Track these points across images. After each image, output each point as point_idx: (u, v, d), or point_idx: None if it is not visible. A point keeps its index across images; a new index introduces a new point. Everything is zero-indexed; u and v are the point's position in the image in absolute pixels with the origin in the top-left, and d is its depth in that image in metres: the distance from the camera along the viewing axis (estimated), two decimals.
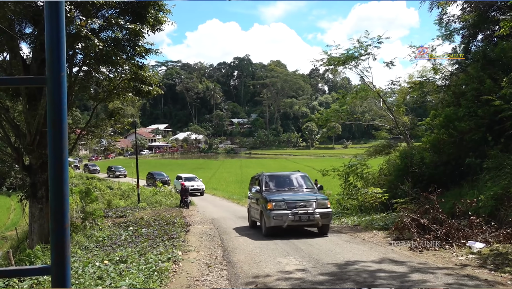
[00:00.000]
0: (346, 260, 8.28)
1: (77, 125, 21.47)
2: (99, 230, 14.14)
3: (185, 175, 31.08)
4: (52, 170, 1.06)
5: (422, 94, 21.61)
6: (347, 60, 20.93)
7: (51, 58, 1.07)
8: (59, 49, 1.07)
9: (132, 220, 16.54)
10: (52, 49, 1.06)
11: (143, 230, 12.96)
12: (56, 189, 1.05)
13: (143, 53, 15.08)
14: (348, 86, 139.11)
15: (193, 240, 11.52)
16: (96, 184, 35.20)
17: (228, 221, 16.70)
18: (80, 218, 16.71)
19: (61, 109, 1.07)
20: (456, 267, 7.42)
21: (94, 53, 13.15)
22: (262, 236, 11.85)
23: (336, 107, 25.37)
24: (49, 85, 1.05)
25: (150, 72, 16.53)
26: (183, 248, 10.11)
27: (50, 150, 1.05)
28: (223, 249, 10.16)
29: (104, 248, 10.65)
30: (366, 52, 20.52)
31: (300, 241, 10.78)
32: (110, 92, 16.78)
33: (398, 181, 15.63)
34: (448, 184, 13.81)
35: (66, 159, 1.10)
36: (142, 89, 16.05)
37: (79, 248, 10.81)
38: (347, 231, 12.27)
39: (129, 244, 10.70)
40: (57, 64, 1.07)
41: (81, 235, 13.54)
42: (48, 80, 1.05)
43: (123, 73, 16.28)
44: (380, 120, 26.00)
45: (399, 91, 24.09)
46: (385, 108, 23.73)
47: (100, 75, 17.07)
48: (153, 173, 40.68)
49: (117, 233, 12.92)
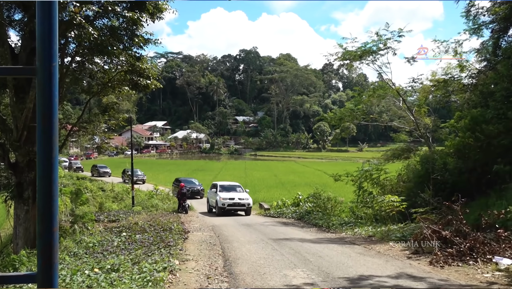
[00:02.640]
0: (359, 274, 8.24)
1: (68, 120, 21.60)
2: (90, 235, 14.20)
3: (222, 183, 25.99)
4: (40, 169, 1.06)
5: (446, 94, 21.48)
6: (364, 55, 20.87)
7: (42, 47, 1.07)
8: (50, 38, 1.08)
9: (125, 225, 16.60)
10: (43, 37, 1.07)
11: (137, 236, 13.00)
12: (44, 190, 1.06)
13: (141, 43, 15.15)
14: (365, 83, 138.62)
15: (191, 249, 11.54)
16: (87, 185, 35.40)
17: (230, 229, 16.71)
18: (69, 222, 16.81)
19: (52, 102, 1.08)
20: (481, 285, 7.36)
21: (88, 42, 13.23)
22: (267, 246, 11.85)
23: (351, 106, 25.29)
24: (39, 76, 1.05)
25: (148, 64, 16.60)
26: (181, 257, 10.13)
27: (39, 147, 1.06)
28: (224, 259, 10.16)
29: (94, 255, 10.70)
30: (385, 46, 20.45)
31: (308, 252, 10.77)
32: (104, 85, 16.87)
33: (418, 188, 15.54)
34: (473, 193, 13.71)
35: (56, 157, 1.10)
36: (140, 82, 16.12)
37: (67, 254, 10.86)
38: (361, 243, 12.23)
39: (121, 251, 10.74)
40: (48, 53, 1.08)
41: (69, 240, 13.61)
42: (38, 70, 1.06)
43: (119, 65, 16.35)
44: (399, 121, 25.88)
45: (420, 89, 23.97)
46: (405, 108, 23.62)
47: (94, 67, 17.16)
48: (181, 179, 34.80)
49: (109, 239, 12.97)
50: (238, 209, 23.52)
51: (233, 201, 23.19)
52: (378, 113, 45.71)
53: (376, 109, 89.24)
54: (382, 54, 20.96)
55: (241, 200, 23.38)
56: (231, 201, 23.14)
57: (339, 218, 18.48)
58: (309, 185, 35.92)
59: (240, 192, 24.30)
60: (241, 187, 25.24)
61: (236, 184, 25.98)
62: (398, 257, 9.91)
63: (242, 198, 23.53)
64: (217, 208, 23.27)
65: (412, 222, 13.84)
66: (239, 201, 23.32)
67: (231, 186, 25.36)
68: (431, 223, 10.63)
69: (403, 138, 26.31)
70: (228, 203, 23.02)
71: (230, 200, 23.13)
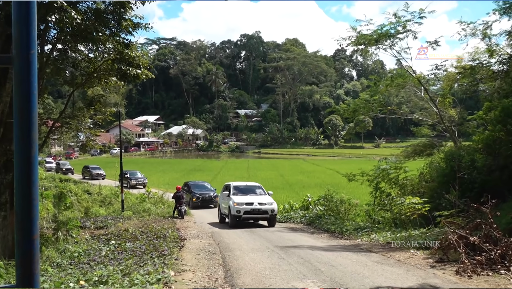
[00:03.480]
0: (376, 286, 8.25)
1: (49, 115, 21.68)
2: (75, 244, 14.26)
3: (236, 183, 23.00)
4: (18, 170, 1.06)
5: (473, 82, 21.39)
6: (381, 39, 20.80)
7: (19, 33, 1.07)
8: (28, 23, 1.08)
9: (114, 232, 16.65)
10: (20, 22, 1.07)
11: (127, 245, 13.04)
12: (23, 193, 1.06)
13: (130, 28, 15.16)
14: (382, 71, 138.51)
15: (188, 258, 11.58)
16: (71, 188, 35.53)
17: (232, 235, 16.76)
18: (52, 229, 16.88)
19: (30, 95, 1.08)
20: None
21: (70, 27, 13.24)
22: (273, 255, 11.88)
23: (367, 96, 25.26)
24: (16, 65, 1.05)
25: (138, 52, 16.61)
26: (176, 267, 10.16)
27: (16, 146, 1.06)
28: (225, 270, 10.19)
29: (80, 265, 10.74)
30: (405, 29, 20.37)
31: (319, 261, 10.79)
32: (89, 76, 16.89)
33: (442, 189, 15.50)
34: (504, 194, 13.67)
35: (35, 156, 1.10)
36: (129, 72, 16.14)
37: (49, 265, 10.91)
38: (378, 250, 12.23)
39: (110, 262, 10.78)
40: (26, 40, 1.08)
41: (52, 249, 13.67)
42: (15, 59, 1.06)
43: (105, 53, 16.37)
44: (420, 113, 25.84)
45: (445, 77, 23.88)
46: (427, 98, 23.55)
47: (78, 55, 17.18)
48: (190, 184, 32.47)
49: (96, 248, 13.02)
50: (259, 217, 20.59)
51: (252, 207, 19.97)
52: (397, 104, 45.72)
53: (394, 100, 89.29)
54: (401, 38, 20.89)
55: (263, 205, 20.12)
56: (249, 207, 19.95)
57: (353, 222, 18.47)
58: (320, 186, 35.92)
59: (261, 195, 21.31)
60: (262, 189, 22.28)
61: (255, 185, 23.09)
62: (420, 266, 9.91)
63: (264, 202, 20.29)
64: (230, 216, 20.25)
65: (436, 227, 13.82)
66: (260, 207, 20.05)
67: (249, 187, 22.41)
68: (457, 228, 10.61)
69: (425, 133, 26.24)
70: (244, 210, 19.87)
71: (247, 205, 19.99)
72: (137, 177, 44.11)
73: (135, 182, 42.80)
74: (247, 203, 20.07)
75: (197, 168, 64.58)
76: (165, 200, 30.03)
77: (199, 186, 31.84)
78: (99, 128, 24.20)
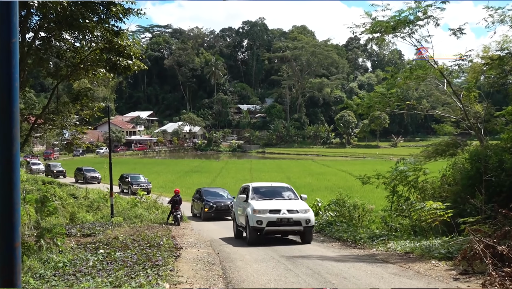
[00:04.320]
0: None
1: (31, 111, 21.76)
2: (59, 253, 14.29)
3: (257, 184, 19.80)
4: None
5: (502, 74, 21.31)
6: (399, 26, 20.73)
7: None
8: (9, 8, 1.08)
9: (103, 240, 16.68)
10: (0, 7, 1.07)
11: (117, 254, 13.06)
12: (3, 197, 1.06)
13: (120, 14, 15.19)
14: (399, 62, 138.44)
15: (185, 269, 11.59)
16: (56, 191, 35.62)
17: (233, 243, 16.77)
18: (34, 236, 16.92)
19: (12, 88, 1.08)
20: None
21: (54, 13, 13.27)
22: (279, 266, 11.88)
23: (383, 90, 25.17)
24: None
25: (129, 40, 16.65)
26: (172, 279, 10.17)
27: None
28: (225, 282, 10.20)
29: (65, 277, 10.76)
30: (425, 15, 20.29)
31: (330, 272, 10.78)
32: (75, 67, 16.94)
33: (466, 193, 15.46)
34: None
35: (16, 156, 1.11)
36: (119, 63, 16.17)
37: (31, 277, 10.94)
38: (396, 261, 12.21)
39: (98, 273, 10.80)
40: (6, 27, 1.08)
41: (34, 259, 13.70)
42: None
43: (93, 42, 16.42)
44: (443, 108, 25.81)
45: (470, 69, 23.81)
46: (451, 92, 23.49)
47: (63, 44, 17.24)
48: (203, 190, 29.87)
49: (82, 258, 13.04)
50: (288, 231, 16.92)
51: (278, 216, 16.29)
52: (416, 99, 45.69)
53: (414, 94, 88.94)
54: (421, 25, 20.80)
55: (293, 213, 16.45)
56: (275, 216, 16.27)
57: (368, 230, 18.45)
58: (331, 189, 35.93)
59: (291, 200, 17.75)
60: (292, 191, 18.76)
61: (282, 186, 19.82)
62: (442, 279, 9.89)
63: (295, 209, 16.63)
64: (249, 229, 16.58)
65: (459, 235, 13.79)
66: (290, 216, 16.35)
67: (274, 188, 19.13)
68: (483, 236, 10.58)
69: (447, 130, 26.17)
70: (268, 220, 16.18)
71: (272, 213, 16.35)
72: (140, 181, 42.38)
73: (137, 187, 40.37)
74: (272, 211, 16.39)
75: (195, 170, 64.66)
76: (159, 204, 30.07)
77: (213, 194, 29.32)
78: (86, 125, 24.25)
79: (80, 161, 78.01)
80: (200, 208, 28.08)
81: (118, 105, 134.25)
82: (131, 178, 43.02)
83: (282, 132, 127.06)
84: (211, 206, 27.32)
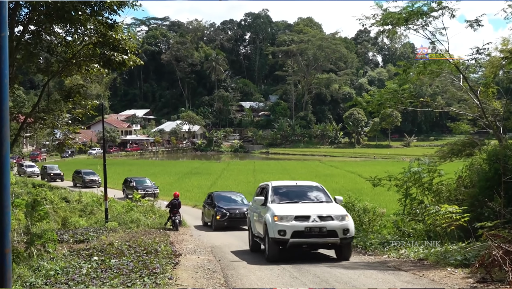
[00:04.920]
0: None
1: (20, 109, 21.81)
2: (51, 260, 14.32)
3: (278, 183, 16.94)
4: None
5: None
6: (411, 18, 20.70)
7: None
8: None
9: (97, 246, 16.71)
10: None
11: (112, 262, 13.09)
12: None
13: (114, 6, 15.22)
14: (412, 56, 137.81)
15: (184, 277, 11.61)
16: (47, 195, 35.70)
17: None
18: (24, 242, 16.96)
19: (1, 84, 1.08)
20: None
21: (45, 5, 13.30)
22: (284, 273, 11.88)
23: (394, 86, 25.14)
24: None
25: (124, 34, 16.66)
26: (170, 288, 10.19)
27: None
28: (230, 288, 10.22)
29: (57, 285, 10.79)
30: (440, 6, 20.27)
31: (339, 280, 10.79)
32: (67, 62, 16.96)
33: (484, 195, 15.43)
34: None
35: (6, 156, 1.11)
36: (113, 58, 16.19)
37: (21, 285, 10.97)
38: (409, 268, 12.20)
39: (92, 281, 10.82)
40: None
41: (24, 266, 13.74)
42: None
43: (86, 35, 16.44)
44: (459, 105, 25.78)
45: (487, 63, 23.75)
46: (467, 88, 23.44)
47: (54, 38, 17.26)
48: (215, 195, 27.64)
49: (75, 265, 13.07)
50: (320, 243, 14.18)
51: (307, 224, 13.49)
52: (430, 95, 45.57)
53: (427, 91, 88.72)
54: (435, 17, 20.77)
55: (327, 220, 13.72)
56: (302, 224, 13.49)
57: (379, 235, 18.43)
58: (339, 192, 35.76)
59: (322, 203, 15.08)
60: (323, 191, 15.93)
61: (310, 185, 16.92)
62: (459, 287, 9.88)
63: (329, 214, 13.89)
64: (268, 241, 13.89)
65: (477, 241, 13.77)
66: (322, 224, 13.61)
67: (300, 189, 16.32)
68: (502, 242, 10.56)
69: (464, 129, 26.11)
70: (294, 230, 13.43)
71: (298, 221, 13.58)
72: (146, 186, 40.83)
73: (143, 192, 38.31)
74: (299, 218, 13.59)
75: (194, 171, 64.73)
76: (156, 208, 30.11)
77: (226, 199, 26.94)
78: (79, 124, 24.28)
79: (71, 162, 78.15)
80: (211, 215, 25.70)
81: (113, 103, 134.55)
82: (136, 182, 41.52)
83: (287, 131, 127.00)
84: (224, 213, 24.84)
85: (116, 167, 58.96)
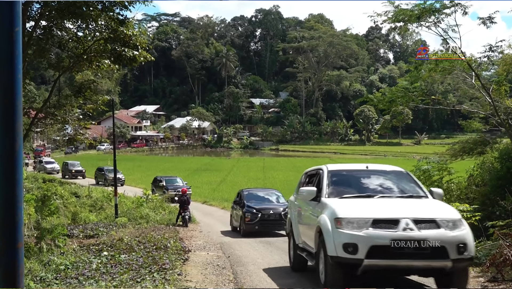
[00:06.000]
0: None
1: (31, 104, 21.88)
2: (61, 255, 14.40)
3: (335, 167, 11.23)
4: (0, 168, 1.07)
5: None
6: (424, 14, 20.58)
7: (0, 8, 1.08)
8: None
9: (106, 241, 16.78)
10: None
11: (122, 257, 13.14)
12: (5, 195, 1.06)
13: (125, 2, 15.22)
14: None
15: (193, 273, 11.62)
16: (57, 190, 35.87)
17: (244, 247, 16.77)
18: (34, 237, 17.06)
19: (14, 79, 1.08)
20: None
21: (56, 1, 13.34)
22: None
23: (405, 83, 25.03)
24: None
25: (135, 30, 16.69)
26: (179, 283, 10.21)
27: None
28: (236, 288, 10.21)
29: (67, 280, 10.85)
30: (452, 3, 20.14)
31: None
32: (78, 58, 17.02)
33: (496, 194, 15.35)
34: None
35: (19, 151, 1.11)
36: (124, 53, 16.22)
37: (32, 280, 11.04)
38: None
39: (102, 276, 10.87)
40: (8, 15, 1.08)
41: (35, 261, 13.82)
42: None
43: (97, 31, 16.49)
44: (470, 103, 25.62)
45: (500, 61, 23.59)
46: (479, 86, 23.28)
47: (65, 34, 17.32)
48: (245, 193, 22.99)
49: (85, 260, 13.13)
50: (419, 268, 8.21)
51: (396, 234, 7.62)
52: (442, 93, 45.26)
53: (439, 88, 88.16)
54: (448, 14, 20.62)
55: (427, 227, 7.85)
56: (387, 234, 7.66)
57: None
58: None
59: (412, 199, 9.32)
60: (412, 180, 10.29)
61: (390, 170, 11.13)
62: (469, 286, 9.82)
63: (429, 217, 8.07)
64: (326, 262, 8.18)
65: (488, 240, 13.70)
66: (422, 234, 7.66)
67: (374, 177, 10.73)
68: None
69: (476, 127, 25.93)
70: (374, 243, 7.66)
71: (379, 228, 7.80)
72: (177, 186, 37.18)
73: (173, 193, 35.42)
74: (380, 222, 7.91)
75: (204, 168, 64.81)
76: (165, 205, 30.20)
77: (258, 198, 22.51)
78: (90, 120, 24.37)
79: (83, 158, 78.38)
80: (239, 217, 21.33)
81: (123, 98, 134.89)
82: (166, 181, 39.06)
83: (297, 128, 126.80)
84: (254, 214, 20.48)
85: (125, 163, 59.15)
